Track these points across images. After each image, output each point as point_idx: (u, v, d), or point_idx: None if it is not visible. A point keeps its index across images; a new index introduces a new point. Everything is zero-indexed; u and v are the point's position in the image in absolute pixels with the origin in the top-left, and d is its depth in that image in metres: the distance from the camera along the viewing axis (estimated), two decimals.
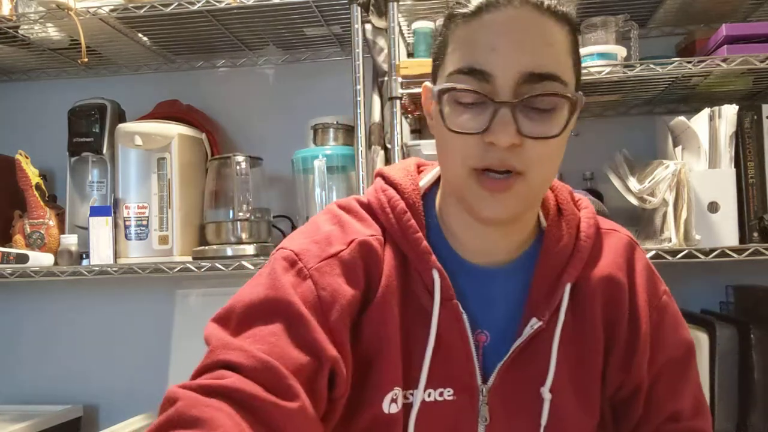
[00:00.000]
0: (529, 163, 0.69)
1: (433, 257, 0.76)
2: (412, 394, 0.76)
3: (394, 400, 0.74)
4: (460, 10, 0.71)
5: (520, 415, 0.76)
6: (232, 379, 0.63)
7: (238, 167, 1.65)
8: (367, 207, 0.80)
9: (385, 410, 0.74)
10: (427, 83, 0.78)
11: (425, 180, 0.83)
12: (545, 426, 0.76)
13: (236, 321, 0.69)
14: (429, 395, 0.76)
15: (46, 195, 1.76)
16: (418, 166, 0.85)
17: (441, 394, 0.76)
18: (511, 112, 0.67)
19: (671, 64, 1.39)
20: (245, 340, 0.67)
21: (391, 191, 0.79)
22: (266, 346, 0.66)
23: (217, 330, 0.69)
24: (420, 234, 0.77)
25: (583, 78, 1.43)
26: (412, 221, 0.77)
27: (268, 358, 0.65)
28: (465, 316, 0.76)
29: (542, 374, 0.76)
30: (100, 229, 1.63)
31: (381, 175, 0.82)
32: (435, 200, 0.82)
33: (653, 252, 1.37)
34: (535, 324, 0.76)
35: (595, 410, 0.78)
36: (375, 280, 0.75)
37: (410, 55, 1.65)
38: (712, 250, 1.35)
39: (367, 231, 0.77)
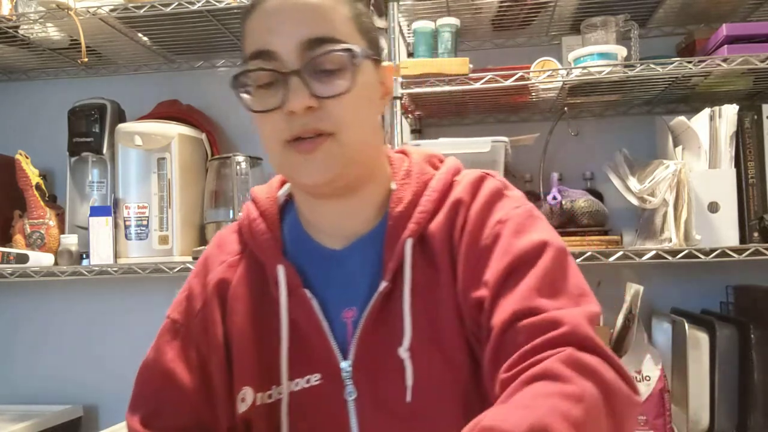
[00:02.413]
0: (336, 124, 0.74)
1: (279, 254, 0.82)
2: (280, 393, 0.79)
3: (243, 400, 0.81)
4: (246, 9, 0.78)
5: (386, 381, 0.77)
6: None
7: (238, 167, 1.65)
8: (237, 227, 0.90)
9: (238, 410, 0.81)
10: None
11: (284, 189, 0.89)
12: (412, 386, 0.75)
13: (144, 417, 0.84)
14: (297, 385, 0.79)
15: (46, 195, 1.76)
16: (283, 181, 0.92)
17: (308, 381, 0.79)
18: (301, 79, 0.72)
19: (671, 64, 1.39)
20: None
21: (250, 204, 0.88)
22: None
23: (134, 421, 0.84)
24: (268, 236, 0.83)
25: (583, 78, 1.43)
26: (262, 226, 0.84)
27: None
28: (314, 302, 0.79)
29: (400, 335, 0.76)
30: (100, 229, 1.63)
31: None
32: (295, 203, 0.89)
33: (653, 252, 1.37)
34: (380, 287, 0.77)
35: (461, 363, 0.75)
36: (228, 299, 0.85)
37: (410, 55, 1.65)
38: (713, 250, 1.35)
39: (221, 258, 0.87)
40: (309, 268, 0.82)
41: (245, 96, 0.76)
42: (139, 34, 1.75)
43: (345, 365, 0.78)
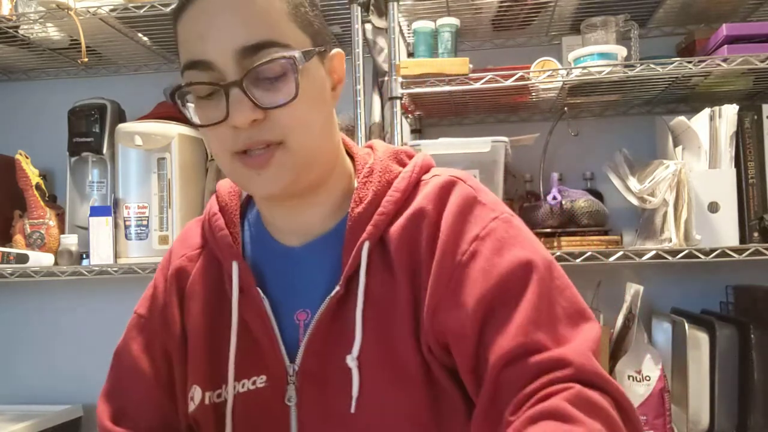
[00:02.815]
0: (284, 132, 0.69)
1: (235, 250, 0.79)
2: (227, 391, 0.77)
3: (192, 398, 0.79)
4: (175, 9, 0.72)
5: (332, 389, 0.73)
6: None
7: None
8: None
9: (189, 409, 0.80)
10: None
11: None
12: (357, 397, 0.71)
13: (118, 408, 0.84)
14: (243, 386, 0.77)
15: (46, 195, 1.76)
16: None
17: (254, 383, 0.77)
18: (242, 90, 0.67)
19: (671, 64, 1.39)
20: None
21: (213, 199, 0.85)
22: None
23: (104, 413, 0.83)
24: (225, 232, 0.80)
25: (583, 78, 1.43)
26: (220, 221, 0.81)
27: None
28: (266, 302, 0.76)
29: (350, 343, 0.72)
30: (100, 229, 1.63)
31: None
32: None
33: (653, 252, 1.37)
34: (333, 291, 0.74)
35: (413, 379, 0.71)
36: (186, 295, 0.83)
37: (410, 55, 1.65)
38: (712, 250, 1.35)
39: (182, 251, 0.85)
40: (266, 267, 0.79)
41: (189, 106, 0.72)
42: (139, 34, 1.75)
43: (291, 368, 0.75)
